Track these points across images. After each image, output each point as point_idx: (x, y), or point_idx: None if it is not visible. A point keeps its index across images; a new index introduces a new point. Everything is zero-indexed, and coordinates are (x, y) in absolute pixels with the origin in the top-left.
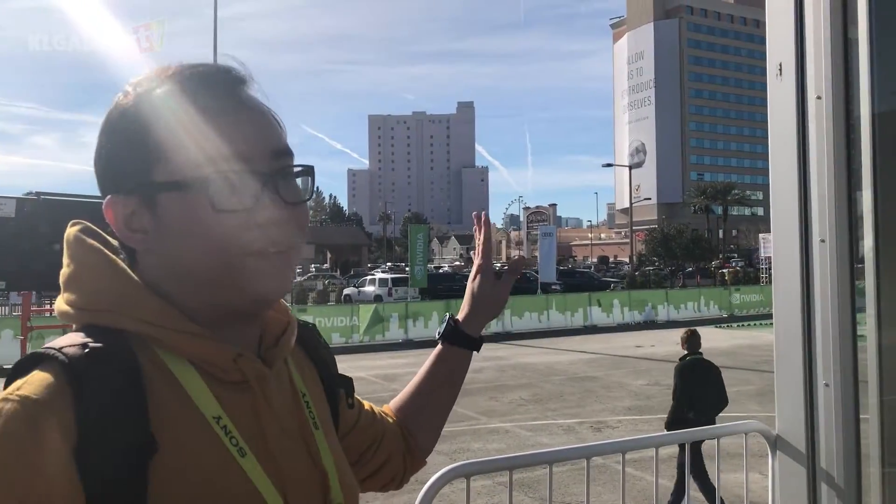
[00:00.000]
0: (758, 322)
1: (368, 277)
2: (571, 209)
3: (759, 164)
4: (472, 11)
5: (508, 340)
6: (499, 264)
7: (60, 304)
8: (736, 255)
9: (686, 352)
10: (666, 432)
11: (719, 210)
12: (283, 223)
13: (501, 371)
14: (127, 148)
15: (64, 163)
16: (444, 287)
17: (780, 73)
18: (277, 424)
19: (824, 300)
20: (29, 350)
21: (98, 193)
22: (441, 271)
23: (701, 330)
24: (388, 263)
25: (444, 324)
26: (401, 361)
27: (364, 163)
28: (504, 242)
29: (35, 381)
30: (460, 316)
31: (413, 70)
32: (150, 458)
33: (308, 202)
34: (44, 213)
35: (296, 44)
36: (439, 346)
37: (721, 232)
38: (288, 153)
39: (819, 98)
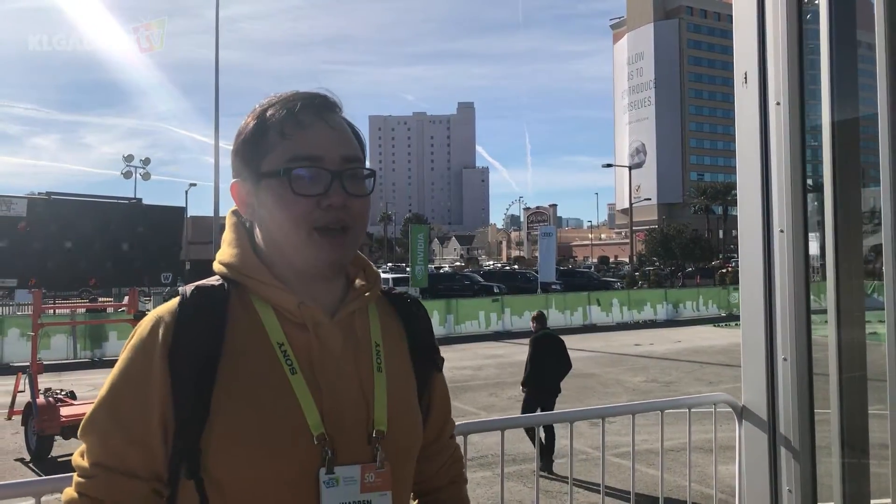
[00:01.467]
0: None
1: None
2: (571, 209)
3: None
4: (470, 12)
5: (508, 339)
6: (498, 264)
7: (216, 260)
8: (736, 255)
9: (538, 328)
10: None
11: (719, 210)
12: (344, 208)
13: (501, 368)
14: (247, 147)
15: (64, 164)
16: (445, 287)
17: (746, 81)
18: (331, 358)
19: (783, 284)
20: (39, 346)
21: (101, 194)
22: (441, 271)
23: (699, 329)
24: (389, 264)
25: None
26: None
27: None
28: (504, 243)
29: (167, 305)
30: None
31: (412, 71)
32: (217, 360)
33: (368, 196)
34: (54, 212)
35: (294, 45)
36: None
37: (721, 232)
38: (356, 160)
39: (778, 104)
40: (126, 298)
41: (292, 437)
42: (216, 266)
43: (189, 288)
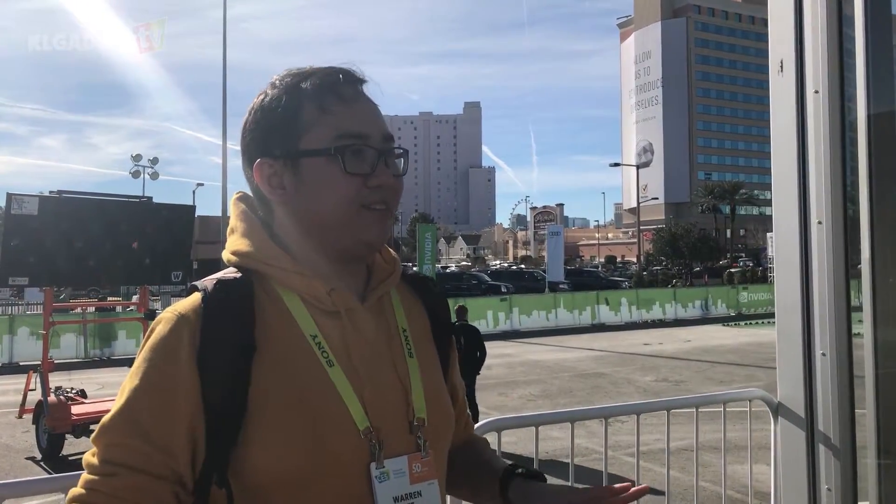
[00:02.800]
0: (766, 321)
1: None
2: (578, 209)
3: (766, 164)
4: (475, 11)
5: (517, 338)
6: (505, 263)
7: (226, 250)
8: (744, 254)
9: (458, 320)
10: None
11: (727, 209)
12: (390, 188)
13: (511, 368)
14: (278, 123)
15: (70, 164)
16: (452, 286)
17: (782, 70)
18: (366, 346)
19: (821, 277)
20: (49, 345)
21: (106, 192)
22: (448, 271)
23: (708, 328)
24: None
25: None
26: None
27: None
28: (511, 242)
29: (186, 302)
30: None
31: (417, 70)
32: (251, 356)
33: (402, 177)
34: (65, 211)
35: (298, 45)
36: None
37: (729, 231)
38: (391, 138)
39: (817, 92)
40: (135, 297)
41: (338, 432)
42: (228, 257)
43: (209, 282)
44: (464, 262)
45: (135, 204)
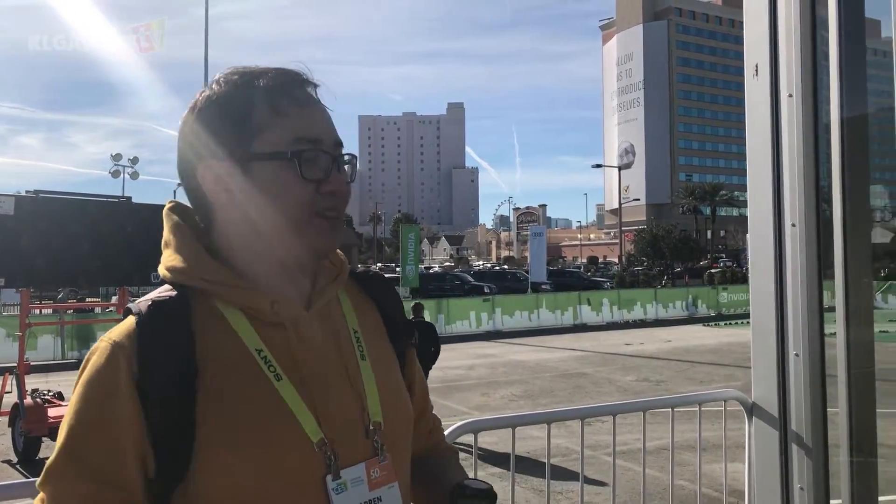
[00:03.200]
0: (745, 321)
1: None
2: (561, 210)
3: (746, 166)
4: (458, 12)
5: (499, 339)
6: (488, 264)
7: (161, 265)
8: (724, 255)
9: (413, 317)
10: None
11: (707, 210)
12: (343, 195)
13: (493, 368)
14: (227, 124)
15: (49, 163)
16: (435, 287)
17: (757, 73)
18: (315, 355)
19: (795, 279)
20: (26, 346)
21: (89, 192)
22: (431, 271)
23: (689, 328)
24: (379, 264)
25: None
26: None
27: None
28: (494, 243)
29: (120, 327)
30: None
31: (400, 70)
32: (193, 379)
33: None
34: (42, 211)
35: (280, 43)
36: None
37: (709, 232)
38: (342, 144)
39: (791, 96)
40: (115, 298)
41: (291, 447)
42: (164, 273)
43: (142, 304)
44: (447, 263)
45: (114, 204)
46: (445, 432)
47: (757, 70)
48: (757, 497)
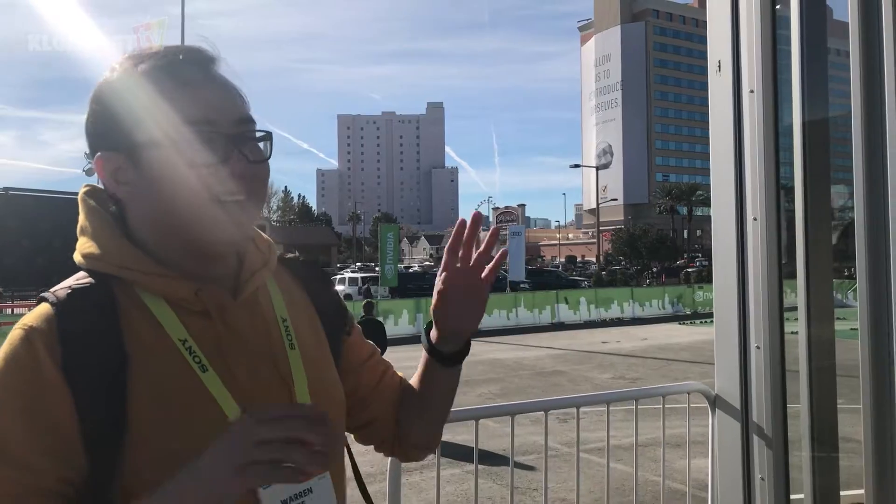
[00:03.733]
0: None
1: (338, 277)
2: (540, 210)
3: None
4: (435, 12)
5: (478, 337)
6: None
7: (77, 252)
8: (700, 254)
9: (364, 315)
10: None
11: (684, 210)
12: (244, 177)
13: (470, 367)
14: (114, 113)
15: (22, 161)
16: (415, 286)
17: (719, 70)
18: (241, 344)
19: (756, 272)
20: None
21: (62, 189)
22: (411, 271)
23: (665, 326)
24: (359, 263)
25: (424, 334)
26: None
27: (333, 163)
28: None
29: (34, 313)
30: (438, 327)
31: (379, 70)
32: (125, 368)
33: (267, 161)
34: (12, 208)
35: (259, 42)
36: (425, 355)
37: (686, 232)
38: (249, 121)
39: (752, 92)
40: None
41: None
42: (80, 261)
43: (59, 291)
44: (427, 262)
45: None
46: None
47: (720, 66)
48: (719, 487)
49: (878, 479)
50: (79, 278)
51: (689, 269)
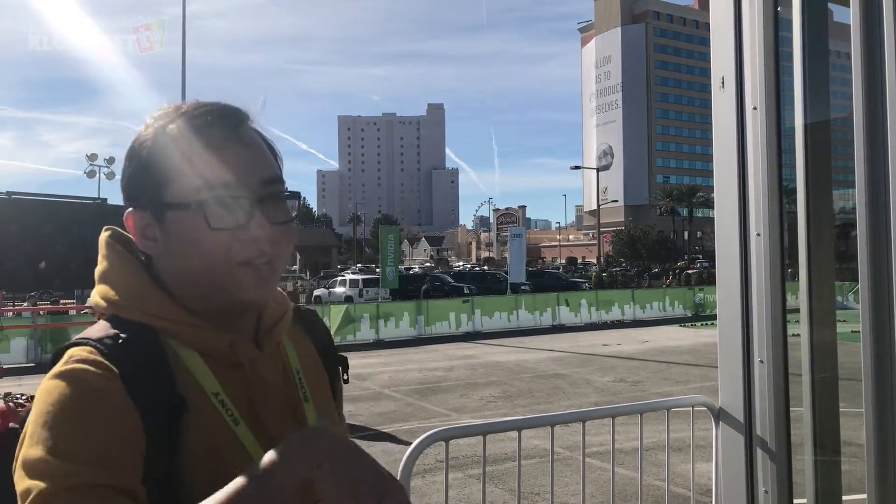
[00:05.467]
0: None
1: (339, 278)
2: (540, 211)
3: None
4: (433, 12)
5: (478, 340)
6: (468, 265)
7: (95, 296)
8: (700, 256)
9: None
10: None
11: (685, 212)
12: (268, 239)
13: (472, 369)
14: (143, 171)
15: (22, 162)
16: (415, 288)
17: (723, 86)
18: (269, 396)
19: (759, 287)
20: None
21: (62, 193)
22: (412, 272)
23: (666, 329)
24: (359, 265)
25: None
26: (372, 361)
27: (333, 164)
28: (474, 244)
29: (82, 352)
30: None
31: (377, 71)
32: (182, 415)
33: (292, 222)
34: (14, 212)
35: (256, 43)
36: None
37: (686, 233)
38: (277, 181)
39: (755, 108)
40: (89, 300)
41: None
42: (103, 306)
43: (108, 341)
44: (427, 264)
45: (88, 206)
46: (417, 440)
47: (723, 83)
48: (723, 499)
49: (880, 483)
50: (108, 328)
51: (689, 272)
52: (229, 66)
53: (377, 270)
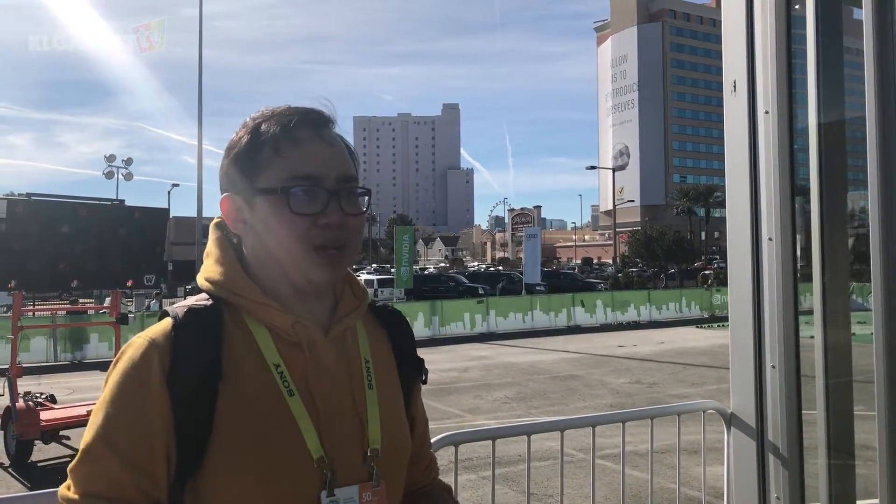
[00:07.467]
0: None
1: None
2: (555, 211)
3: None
4: (446, 12)
5: (493, 340)
6: (483, 265)
7: (200, 274)
8: (718, 256)
9: None
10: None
11: (701, 212)
12: (340, 227)
13: (486, 370)
14: (241, 162)
15: (39, 163)
16: (430, 288)
17: (735, 90)
18: (326, 377)
19: (771, 292)
20: (18, 350)
21: (79, 194)
22: (426, 272)
23: (682, 330)
24: (374, 265)
25: None
26: None
27: None
28: (489, 244)
29: (157, 327)
30: None
31: (390, 71)
32: (217, 383)
33: (363, 215)
34: (34, 213)
35: (269, 44)
36: None
37: (703, 234)
38: (352, 178)
39: (767, 113)
40: (108, 300)
41: (292, 461)
42: (202, 283)
43: (180, 309)
44: (442, 264)
45: (107, 207)
46: None
47: (735, 87)
48: None
49: (893, 486)
50: (198, 298)
51: (706, 272)
52: (242, 67)
53: (392, 270)
